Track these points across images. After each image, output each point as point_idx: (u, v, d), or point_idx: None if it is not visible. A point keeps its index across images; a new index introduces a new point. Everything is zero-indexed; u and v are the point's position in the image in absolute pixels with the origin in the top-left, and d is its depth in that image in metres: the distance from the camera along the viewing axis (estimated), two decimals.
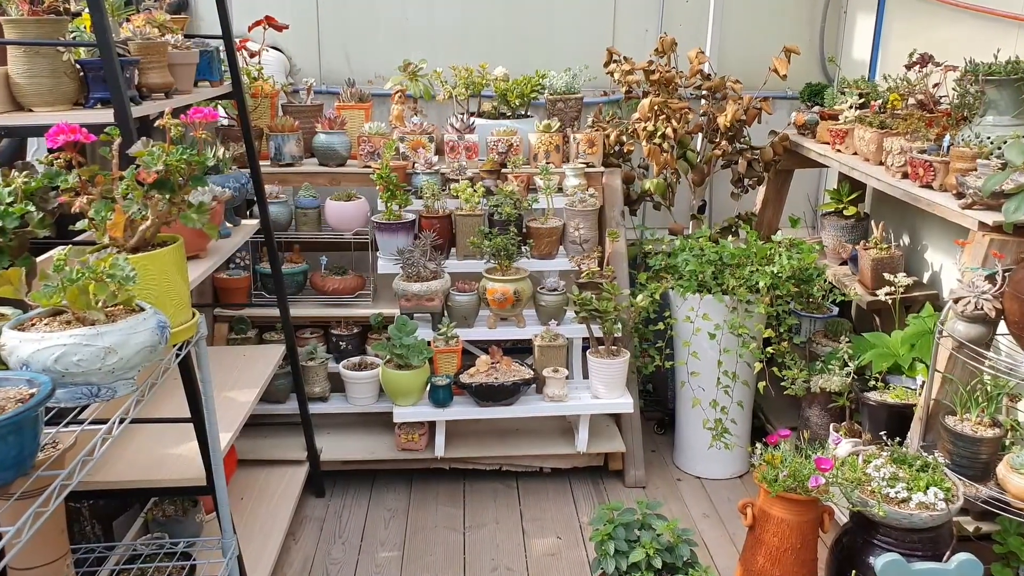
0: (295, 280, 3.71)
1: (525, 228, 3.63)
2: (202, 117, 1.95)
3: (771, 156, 3.95)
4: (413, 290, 3.37)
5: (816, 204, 4.79)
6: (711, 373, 3.48)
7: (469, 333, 3.51)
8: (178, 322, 2.00)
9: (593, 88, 4.35)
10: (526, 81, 3.95)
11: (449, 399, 3.34)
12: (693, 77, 3.92)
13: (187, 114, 1.98)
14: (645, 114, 3.84)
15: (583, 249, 3.63)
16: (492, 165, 3.72)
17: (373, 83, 4.33)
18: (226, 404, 2.83)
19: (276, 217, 3.62)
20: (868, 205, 4.17)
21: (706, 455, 3.66)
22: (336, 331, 3.73)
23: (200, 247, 2.66)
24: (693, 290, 3.47)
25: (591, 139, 3.82)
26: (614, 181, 3.84)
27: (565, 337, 3.47)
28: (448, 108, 4.14)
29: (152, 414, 2.62)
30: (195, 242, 2.62)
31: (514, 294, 3.41)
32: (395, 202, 3.52)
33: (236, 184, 2.93)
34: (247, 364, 3.18)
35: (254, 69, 3.78)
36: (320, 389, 3.58)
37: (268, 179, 3.69)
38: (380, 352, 3.33)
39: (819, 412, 3.47)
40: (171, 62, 2.51)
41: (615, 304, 3.34)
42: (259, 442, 3.55)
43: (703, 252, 3.61)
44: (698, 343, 3.47)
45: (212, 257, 2.68)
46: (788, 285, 3.44)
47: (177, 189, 1.95)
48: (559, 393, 3.35)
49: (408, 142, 3.75)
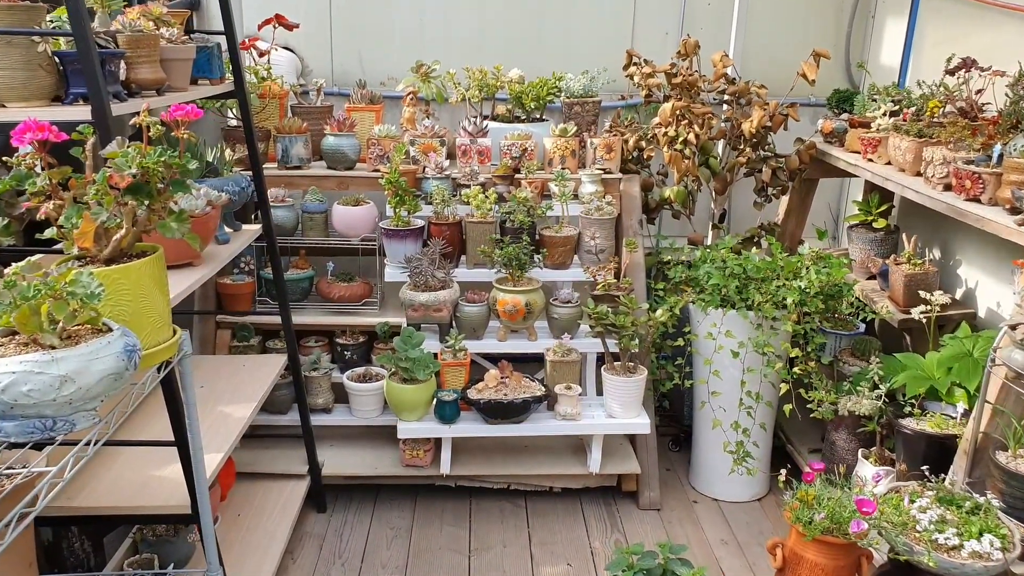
0: (300, 286, 3.50)
1: (538, 236, 3.40)
2: (183, 115, 1.73)
3: (797, 164, 3.70)
4: (420, 300, 3.14)
5: (838, 214, 4.55)
6: (733, 393, 3.24)
7: (478, 345, 3.28)
8: (156, 342, 1.78)
9: (610, 92, 4.12)
10: (542, 83, 3.72)
11: (456, 415, 3.11)
12: (717, 81, 3.68)
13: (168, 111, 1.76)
14: (666, 119, 3.60)
15: (599, 259, 3.40)
16: (505, 170, 3.49)
17: (386, 85, 4.11)
18: (220, 419, 2.62)
19: (282, 222, 3.41)
20: (895, 217, 3.91)
21: (724, 477, 3.42)
22: (341, 340, 3.51)
23: (194, 254, 2.44)
24: (716, 305, 3.23)
25: (609, 144, 3.58)
26: (632, 188, 3.61)
27: (579, 352, 3.24)
28: (461, 111, 3.92)
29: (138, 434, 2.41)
30: (188, 249, 2.41)
31: (526, 306, 3.18)
32: (404, 208, 3.30)
33: (236, 187, 2.72)
34: (247, 374, 2.97)
35: (263, 69, 3.57)
36: (323, 400, 3.37)
37: (274, 182, 3.48)
38: (385, 364, 3.11)
39: (846, 436, 3.22)
40: (164, 57, 2.30)
41: (632, 318, 3.10)
42: (259, 454, 3.34)
43: (725, 264, 3.37)
44: (720, 361, 3.23)
45: (208, 265, 2.47)
46: (816, 301, 3.19)
47: (156, 195, 1.73)
48: (571, 411, 3.12)
49: (419, 145, 3.53)
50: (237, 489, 3.10)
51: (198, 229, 2.39)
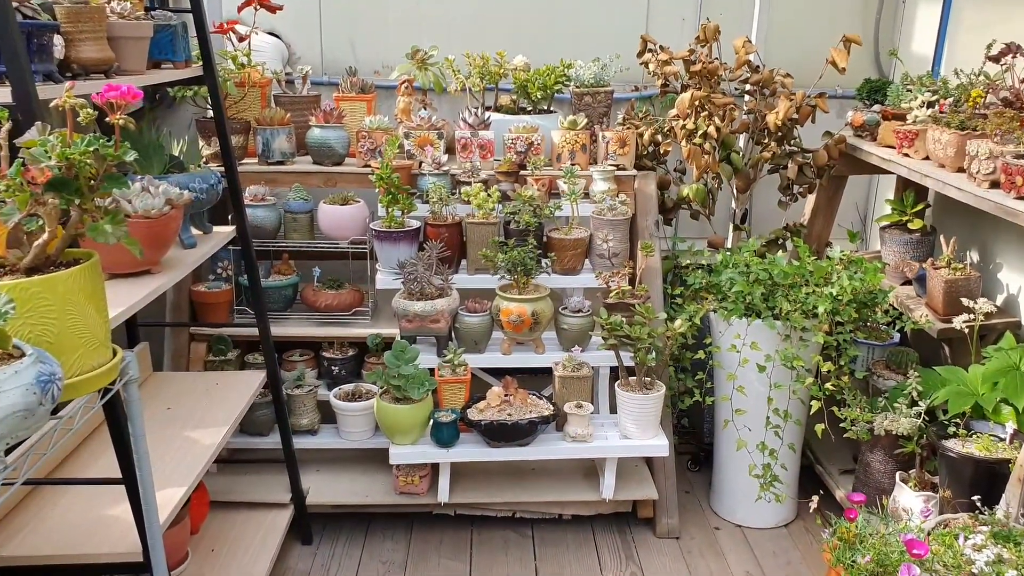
0: (283, 294, 3.18)
1: (546, 239, 3.09)
2: (117, 96, 1.41)
3: (825, 160, 3.39)
4: (416, 310, 2.83)
5: (866, 214, 4.24)
6: (759, 411, 2.93)
7: (480, 360, 2.97)
8: (91, 366, 1.47)
9: (622, 82, 3.80)
10: (549, 72, 3.40)
11: (455, 438, 2.80)
12: (739, 69, 3.36)
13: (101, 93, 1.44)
14: (684, 110, 3.29)
15: (612, 264, 3.09)
16: (509, 166, 3.18)
17: (380, 73, 3.80)
18: (186, 447, 2.31)
19: (262, 222, 3.10)
20: (929, 216, 3.60)
21: (749, 501, 3.11)
22: (328, 353, 3.19)
23: (151, 259, 2.13)
24: (740, 314, 2.92)
25: (623, 138, 3.27)
26: (648, 186, 3.29)
27: (590, 366, 2.93)
28: (461, 101, 3.60)
29: (86, 469, 2.10)
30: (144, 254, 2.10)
31: (532, 316, 2.86)
32: (397, 207, 2.99)
33: (203, 184, 2.41)
34: (220, 394, 2.66)
35: (242, 54, 3.25)
36: (308, 421, 3.05)
37: (254, 178, 3.17)
38: (375, 382, 2.79)
39: (882, 457, 2.90)
40: (114, 35, 1.99)
41: (649, 329, 2.79)
42: (237, 481, 3.02)
43: (749, 269, 3.06)
44: (745, 376, 2.91)
45: (169, 273, 2.16)
46: (849, 310, 2.88)
47: (86, 192, 1.42)
48: (582, 433, 2.81)
49: (414, 138, 3.22)
50: (211, 521, 2.79)
51: (156, 232, 2.09)
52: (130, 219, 2.02)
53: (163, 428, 2.42)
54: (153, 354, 2.89)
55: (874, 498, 2.91)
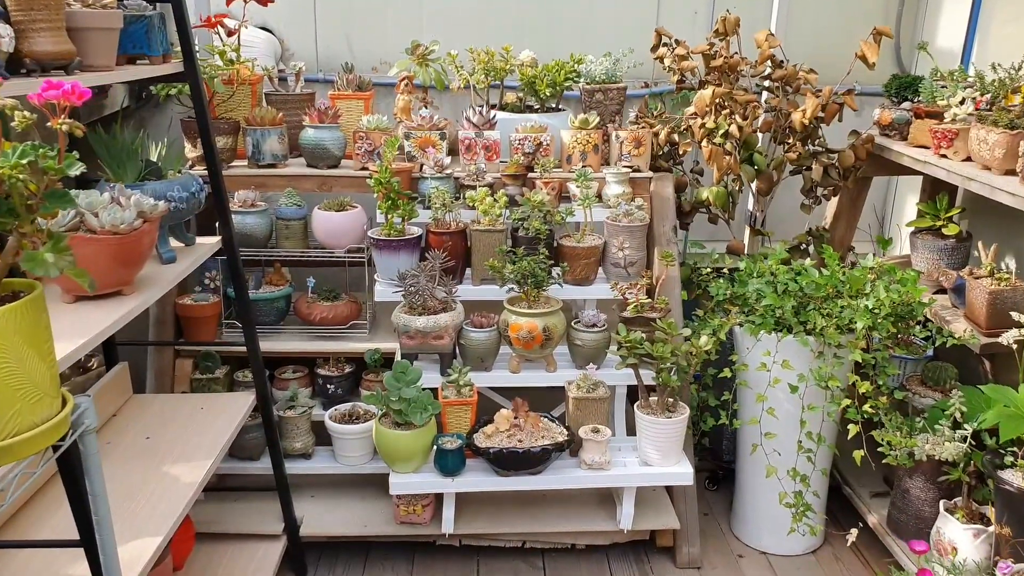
0: (275, 307, 2.91)
1: (555, 245, 2.82)
2: (59, 96, 1.14)
3: (852, 161, 3.12)
4: (417, 325, 2.56)
5: (883, 217, 3.98)
6: (790, 434, 2.67)
7: (486, 378, 2.70)
8: (32, 422, 1.21)
9: (633, 78, 3.53)
10: (558, 67, 3.13)
11: (460, 466, 2.53)
12: (762, 64, 3.09)
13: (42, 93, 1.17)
14: (704, 108, 3.02)
15: (628, 274, 2.82)
16: (516, 168, 2.91)
17: (378, 70, 3.52)
18: (165, 486, 2.05)
19: (251, 230, 2.82)
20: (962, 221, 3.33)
21: (773, 526, 2.85)
22: (323, 371, 2.92)
23: (123, 279, 1.86)
24: (769, 328, 2.66)
25: (638, 137, 3.00)
26: (665, 189, 3.03)
27: (606, 386, 2.66)
28: (464, 99, 3.33)
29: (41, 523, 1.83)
30: (116, 273, 1.83)
31: (543, 331, 2.60)
32: (397, 213, 2.72)
33: (183, 192, 2.14)
34: (204, 420, 2.39)
35: (231, 49, 2.97)
36: (302, 445, 2.78)
37: (244, 182, 2.90)
38: (374, 404, 2.52)
39: (923, 484, 2.64)
40: (75, 25, 1.71)
41: (673, 347, 2.53)
42: (225, 509, 2.76)
43: (775, 279, 2.79)
44: (775, 397, 2.65)
45: (143, 293, 1.89)
46: (887, 324, 2.62)
47: (23, 212, 1.15)
48: (599, 460, 2.54)
49: (415, 139, 2.94)
50: (197, 555, 2.52)
51: (127, 249, 1.82)
52: (96, 235, 1.76)
53: (140, 462, 2.15)
54: (135, 372, 2.63)
55: (913, 527, 2.66)
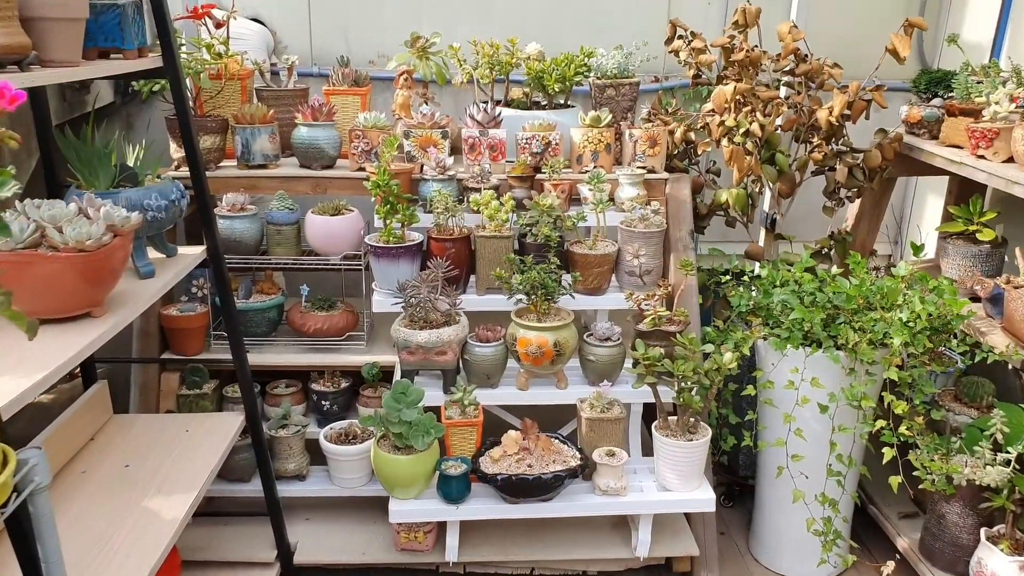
0: (266, 317, 2.71)
1: (565, 251, 2.62)
2: None
3: (879, 161, 2.92)
4: (419, 340, 2.36)
5: (901, 218, 3.78)
6: (818, 456, 2.47)
7: (492, 395, 2.50)
8: None
9: (643, 73, 3.32)
10: (567, 61, 2.92)
11: (465, 492, 2.34)
12: (785, 59, 2.89)
13: None
14: (723, 105, 2.82)
15: (644, 283, 2.62)
16: (524, 169, 2.71)
17: (375, 64, 3.32)
18: (142, 524, 1.85)
19: (241, 236, 2.62)
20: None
21: (797, 550, 2.66)
22: (318, 386, 2.72)
23: (92, 299, 1.67)
24: (797, 343, 2.46)
25: (653, 136, 2.80)
26: (681, 191, 2.83)
27: (622, 405, 2.47)
28: (467, 95, 3.12)
29: None
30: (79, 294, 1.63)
31: (554, 347, 2.40)
32: (396, 218, 2.52)
33: (162, 200, 1.94)
34: (189, 445, 2.20)
35: (218, 43, 2.76)
36: (295, 466, 2.59)
37: (232, 184, 2.70)
38: (371, 426, 2.32)
39: (961, 509, 2.45)
40: (32, 15, 1.51)
41: (694, 365, 2.33)
42: (214, 535, 2.56)
43: (800, 288, 2.60)
44: (803, 417, 2.45)
45: (115, 315, 1.70)
46: (923, 338, 2.42)
47: None
48: (615, 485, 2.35)
49: (415, 138, 2.74)
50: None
51: (95, 267, 1.62)
52: (60, 253, 1.55)
53: (117, 495, 1.96)
54: (117, 388, 2.43)
55: (949, 555, 2.48)
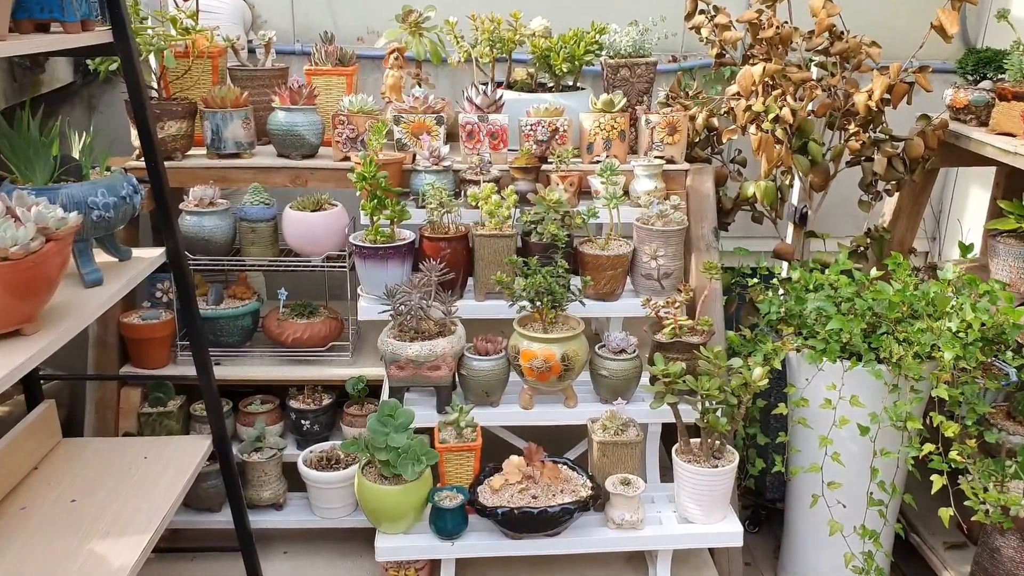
0: (239, 325, 2.42)
1: (574, 251, 2.33)
2: None
3: (922, 150, 2.63)
4: (409, 354, 2.08)
5: (939, 213, 3.50)
6: (857, 483, 2.19)
7: (491, 415, 2.22)
8: None
9: (659, 52, 3.01)
10: (576, 38, 2.62)
11: (461, 526, 2.05)
12: (819, 36, 2.58)
13: None
14: (749, 88, 2.52)
15: (662, 287, 2.34)
16: (528, 160, 2.42)
17: (364, 41, 3.02)
18: (90, 569, 1.58)
19: (210, 234, 2.34)
20: None
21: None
22: (296, 403, 2.43)
23: (22, 315, 1.39)
24: (834, 357, 2.17)
25: (673, 123, 2.50)
26: (704, 184, 2.53)
27: (638, 426, 2.18)
28: (465, 76, 2.83)
29: None
30: (7, 309, 1.35)
31: (562, 360, 2.12)
32: (384, 215, 2.23)
33: (109, 197, 1.66)
34: (146, 475, 1.92)
35: (186, 16, 2.46)
36: (271, 494, 2.31)
37: (202, 176, 2.41)
38: (354, 452, 2.04)
39: (1019, 543, 2.17)
40: None
41: (721, 383, 2.04)
42: (180, 571, 2.29)
43: (836, 292, 2.31)
44: (841, 440, 2.17)
45: (49, 332, 1.44)
46: (975, 351, 2.13)
47: None
48: (630, 518, 2.07)
49: (406, 124, 2.45)
50: None
51: (24, 278, 1.35)
52: None
53: (60, 537, 1.68)
54: (69, 406, 2.16)
55: None
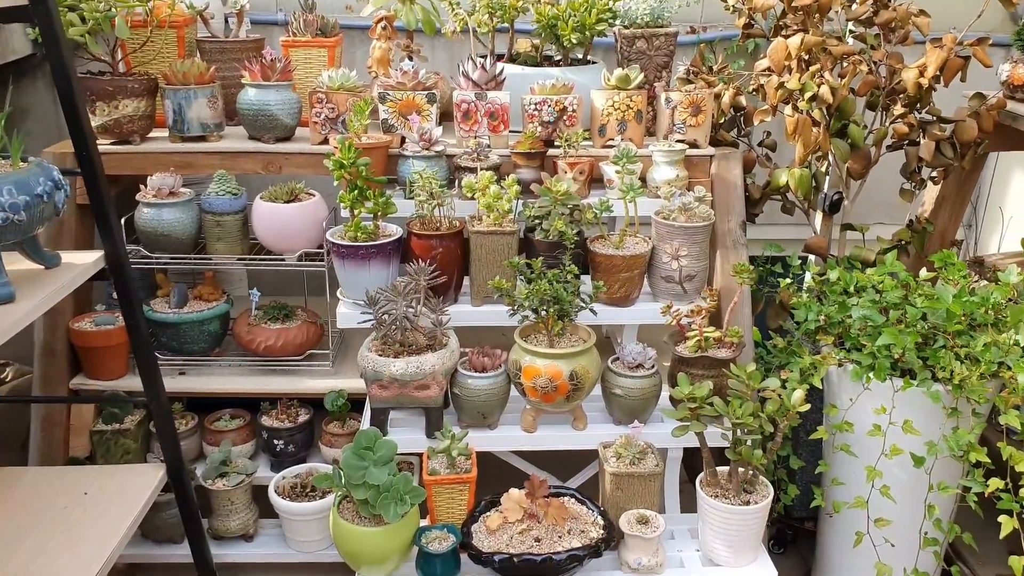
0: (206, 330, 2.13)
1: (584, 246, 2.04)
2: None
3: (975, 133, 2.32)
4: (393, 371, 1.79)
5: (977, 202, 3.22)
6: (909, 519, 1.90)
7: (489, 438, 1.93)
8: None
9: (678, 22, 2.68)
10: (587, 5, 2.30)
11: (452, 572, 1.77)
12: (864, 3, 2.26)
13: None
14: (782, 63, 2.20)
15: (684, 291, 2.04)
16: (532, 144, 2.11)
17: (352, 10, 2.71)
18: None
19: (170, 228, 2.04)
20: None
21: None
22: (269, 419, 2.15)
23: None
24: (884, 375, 1.88)
25: (696, 101, 2.19)
26: (731, 171, 2.23)
27: (657, 453, 1.89)
28: (462, 48, 2.51)
29: None
30: None
31: (570, 379, 1.82)
32: (366, 208, 1.93)
33: (21, 196, 1.35)
34: (87, 515, 1.65)
35: None
36: (240, 523, 2.03)
37: (162, 162, 2.11)
38: (326, 486, 1.75)
39: None
40: None
41: (754, 408, 1.75)
42: None
43: (881, 296, 2.02)
44: (891, 471, 1.88)
45: None
46: None
47: None
48: (648, 562, 1.79)
49: (393, 102, 2.14)
50: None
51: None
52: None
53: None
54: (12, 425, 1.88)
55: None
